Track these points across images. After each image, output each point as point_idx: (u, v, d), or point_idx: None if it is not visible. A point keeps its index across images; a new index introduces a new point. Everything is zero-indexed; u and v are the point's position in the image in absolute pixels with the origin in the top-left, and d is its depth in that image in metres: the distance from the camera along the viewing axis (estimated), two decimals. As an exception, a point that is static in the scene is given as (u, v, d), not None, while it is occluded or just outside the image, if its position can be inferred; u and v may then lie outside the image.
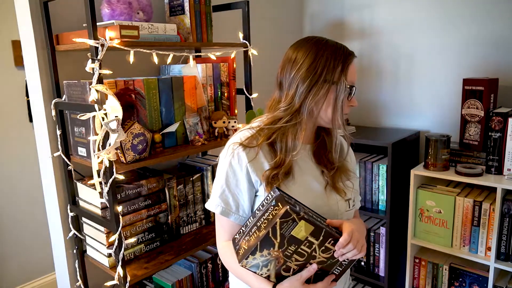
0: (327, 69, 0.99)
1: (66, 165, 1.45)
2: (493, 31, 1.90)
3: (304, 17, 2.54)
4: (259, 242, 0.85)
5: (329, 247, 0.89)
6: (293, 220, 0.85)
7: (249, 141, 1.00)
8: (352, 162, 1.18)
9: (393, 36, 2.21)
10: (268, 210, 0.87)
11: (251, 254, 0.86)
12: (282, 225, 0.85)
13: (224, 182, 1.01)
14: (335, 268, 0.94)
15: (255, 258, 0.86)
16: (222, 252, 1.05)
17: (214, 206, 1.02)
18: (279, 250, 0.86)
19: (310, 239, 0.87)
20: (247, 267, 0.88)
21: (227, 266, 1.07)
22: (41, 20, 1.38)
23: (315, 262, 0.90)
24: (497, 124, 1.69)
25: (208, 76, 1.63)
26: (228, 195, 1.01)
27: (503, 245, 1.67)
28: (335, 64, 1.00)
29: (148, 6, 1.45)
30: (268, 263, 0.88)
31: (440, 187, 1.87)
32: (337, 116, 1.03)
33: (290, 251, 0.87)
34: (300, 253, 0.88)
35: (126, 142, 1.28)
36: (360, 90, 2.38)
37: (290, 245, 0.87)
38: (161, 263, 1.44)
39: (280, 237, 0.85)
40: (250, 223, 0.91)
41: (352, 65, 1.03)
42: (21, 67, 2.44)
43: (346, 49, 1.04)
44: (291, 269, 0.90)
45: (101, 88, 1.18)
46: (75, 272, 1.56)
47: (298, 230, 0.86)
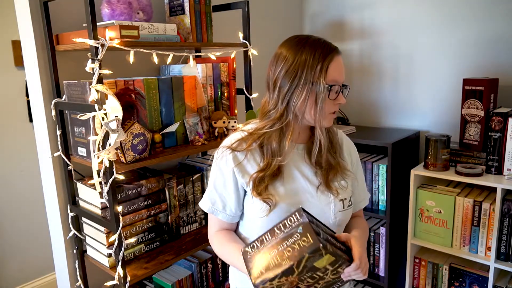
0: (306, 69, 0.98)
1: (66, 165, 1.45)
2: (493, 31, 1.90)
3: (304, 17, 2.54)
4: (282, 272, 0.84)
5: (340, 271, 0.90)
6: (320, 255, 0.83)
7: (238, 144, 1.05)
8: (353, 161, 1.16)
9: (393, 36, 2.21)
10: (294, 237, 0.85)
11: (270, 280, 0.85)
12: (309, 260, 0.84)
13: (213, 183, 1.08)
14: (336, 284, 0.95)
15: (272, 284, 0.86)
16: (212, 240, 1.14)
17: (204, 204, 1.11)
18: (296, 277, 0.86)
19: (327, 267, 0.87)
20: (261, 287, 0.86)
21: (215, 251, 1.13)
22: (41, 20, 1.38)
23: (322, 282, 0.90)
24: (497, 124, 1.69)
25: (208, 76, 1.64)
26: (215, 195, 1.08)
27: (503, 245, 1.67)
28: (313, 64, 0.98)
29: (148, 6, 1.45)
30: (281, 286, 0.87)
31: (440, 187, 1.87)
32: (321, 116, 1.00)
33: (305, 277, 0.87)
34: (313, 277, 0.88)
35: (126, 142, 1.28)
36: (360, 90, 2.38)
37: (308, 272, 0.86)
38: (161, 263, 1.44)
39: (303, 268, 0.85)
40: (267, 241, 0.89)
41: (334, 63, 0.99)
42: (21, 67, 2.44)
43: (327, 46, 1.00)
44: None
45: (101, 88, 1.18)
46: (75, 272, 1.56)
47: (321, 262, 0.85)
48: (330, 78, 0.98)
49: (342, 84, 1.02)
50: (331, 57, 0.99)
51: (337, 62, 1.00)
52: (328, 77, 0.98)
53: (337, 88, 1.00)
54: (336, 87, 1.00)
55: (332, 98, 1.00)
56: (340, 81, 1.01)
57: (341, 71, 1.01)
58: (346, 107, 2.42)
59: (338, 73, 1.00)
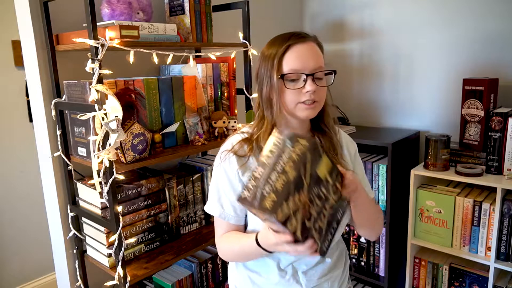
0: (265, 63, 1.01)
1: (66, 165, 1.45)
2: (493, 31, 1.90)
3: (304, 17, 2.54)
4: (291, 186, 0.78)
5: (337, 186, 0.88)
6: (320, 155, 0.83)
7: (239, 146, 1.05)
8: (351, 156, 1.15)
9: (393, 36, 2.21)
10: (286, 152, 0.81)
11: (285, 200, 0.77)
12: (313, 161, 0.81)
13: (219, 187, 1.06)
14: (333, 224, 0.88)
15: (288, 206, 0.78)
16: (219, 243, 1.09)
17: (213, 209, 1.07)
18: (307, 194, 0.81)
19: (328, 178, 0.85)
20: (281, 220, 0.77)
21: (223, 251, 1.09)
22: (41, 20, 1.38)
23: (328, 207, 0.85)
24: (497, 124, 1.69)
25: (208, 76, 1.63)
26: (224, 198, 1.06)
27: (503, 245, 1.67)
28: (270, 56, 1.00)
29: (148, 6, 1.45)
30: (297, 212, 0.79)
31: (440, 187, 1.87)
32: (292, 107, 1.00)
33: (314, 195, 0.82)
34: (320, 196, 0.84)
35: (126, 142, 1.28)
36: (360, 90, 2.38)
37: (315, 186, 0.82)
38: (161, 263, 1.44)
39: (310, 177, 0.81)
40: (262, 174, 0.80)
41: (291, 52, 0.98)
42: (21, 67, 2.44)
43: (286, 37, 1.00)
44: (312, 216, 0.82)
45: (101, 88, 1.18)
46: (75, 272, 1.56)
47: (322, 168, 0.83)
48: (287, 68, 0.98)
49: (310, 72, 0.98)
50: (287, 47, 0.98)
51: (295, 51, 0.98)
52: (284, 67, 0.98)
53: (294, 76, 0.98)
54: (292, 75, 0.98)
55: (289, 87, 0.98)
56: (300, 69, 0.98)
57: (302, 59, 0.98)
58: (346, 107, 2.42)
59: (296, 61, 0.98)
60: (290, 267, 1.07)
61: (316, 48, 1.02)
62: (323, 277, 1.09)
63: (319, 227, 0.83)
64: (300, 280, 1.07)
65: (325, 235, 0.85)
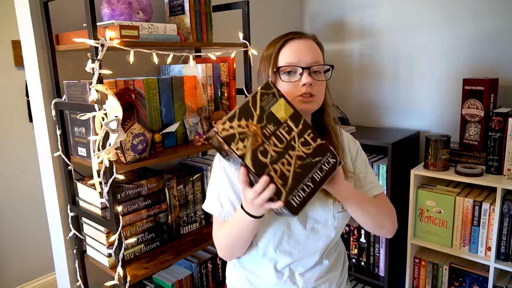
0: (264, 61, 1.04)
1: (66, 165, 1.45)
2: (493, 31, 1.90)
3: (304, 17, 2.54)
4: (238, 109, 0.85)
5: (308, 140, 0.89)
6: (274, 95, 0.88)
7: None
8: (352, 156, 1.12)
9: (393, 36, 2.21)
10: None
11: (228, 119, 0.84)
12: (263, 97, 0.87)
13: (220, 186, 1.06)
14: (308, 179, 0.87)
15: (232, 126, 0.84)
16: (215, 235, 1.07)
17: (213, 208, 1.07)
18: (258, 125, 0.86)
19: (289, 123, 0.88)
20: (223, 134, 0.83)
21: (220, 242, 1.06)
22: (41, 20, 1.38)
23: (294, 156, 0.86)
24: (497, 124, 1.69)
25: (208, 76, 1.63)
26: (224, 198, 1.05)
27: (503, 245, 1.67)
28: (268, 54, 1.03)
29: (148, 6, 1.45)
30: (245, 138, 0.84)
31: (440, 187, 1.87)
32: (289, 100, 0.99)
33: (269, 132, 0.86)
34: (279, 138, 0.87)
35: (126, 142, 1.28)
36: (360, 90, 2.38)
37: (269, 123, 0.87)
38: (161, 263, 1.44)
39: (260, 109, 0.87)
40: None
41: (287, 47, 1.00)
42: (21, 67, 2.44)
43: (285, 35, 1.02)
44: (268, 154, 0.85)
45: (101, 88, 1.18)
46: (75, 272, 1.56)
47: (278, 108, 0.88)
48: (283, 61, 1.00)
49: (307, 66, 0.99)
50: (284, 42, 1.01)
51: (291, 46, 1.00)
52: (280, 61, 1.00)
53: (289, 69, 0.99)
54: (288, 68, 0.99)
55: (284, 80, 1.00)
56: (294, 62, 0.99)
57: (298, 53, 0.99)
58: (346, 107, 2.42)
59: (292, 55, 0.99)
60: (287, 268, 1.06)
61: (313, 44, 1.03)
62: (320, 279, 1.09)
63: (281, 171, 0.84)
64: (297, 282, 1.07)
65: (292, 185, 0.84)
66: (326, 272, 1.10)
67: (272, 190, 0.83)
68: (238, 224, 0.97)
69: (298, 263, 1.06)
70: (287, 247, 1.04)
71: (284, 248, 1.04)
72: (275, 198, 0.84)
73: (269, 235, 1.03)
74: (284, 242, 1.03)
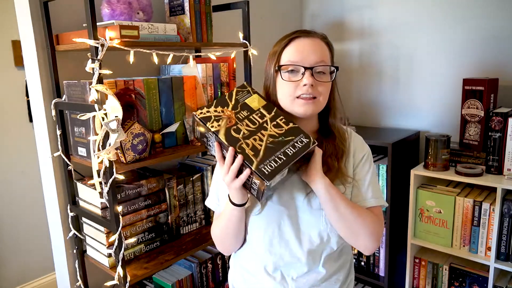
0: (270, 63, 1.02)
1: (66, 165, 1.45)
2: (493, 31, 1.90)
3: (304, 17, 2.54)
4: (215, 101, 0.96)
5: (281, 124, 0.93)
6: (248, 92, 0.98)
7: None
8: (356, 162, 1.06)
9: (393, 36, 2.21)
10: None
11: (206, 107, 0.95)
12: (238, 93, 0.97)
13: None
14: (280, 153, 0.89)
15: (209, 111, 0.94)
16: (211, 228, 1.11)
17: (211, 203, 1.13)
18: (232, 111, 0.94)
19: (262, 111, 0.95)
20: (199, 116, 0.93)
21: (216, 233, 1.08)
22: (41, 20, 1.38)
23: (266, 134, 0.91)
24: (497, 124, 1.69)
25: (208, 76, 1.63)
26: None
27: (503, 245, 1.67)
28: (274, 52, 1.02)
29: (148, 6, 1.45)
30: (220, 119, 0.93)
31: (440, 187, 1.87)
32: (287, 101, 0.98)
33: (243, 115, 0.94)
34: (252, 121, 0.93)
35: (126, 142, 1.28)
36: (360, 90, 2.38)
37: (243, 110, 0.95)
38: (161, 263, 1.44)
39: (235, 101, 0.96)
40: None
41: (292, 45, 0.98)
42: (21, 67, 2.44)
43: (291, 33, 1.01)
44: (241, 131, 0.91)
45: (101, 88, 1.18)
46: (75, 272, 1.56)
47: (251, 100, 0.96)
48: (286, 59, 0.98)
49: (310, 66, 0.96)
50: (288, 41, 0.99)
51: (296, 44, 0.98)
52: (283, 58, 0.98)
53: (291, 68, 0.97)
54: (289, 67, 0.97)
55: (285, 78, 0.97)
56: (297, 61, 0.96)
57: (302, 52, 0.97)
58: (346, 107, 2.41)
59: (296, 53, 0.97)
60: (279, 272, 1.03)
61: (321, 44, 1.00)
62: (314, 287, 1.04)
63: (253, 145, 0.90)
64: (289, 286, 1.03)
65: (264, 156, 0.88)
66: (321, 282, 1.04)
67: (241, 159, 0.87)
68: (225, 213, 1.01)
69: (290, 267, 1.03)
70: (278, 248, 1.02)
71: (275, 249, 1.02)
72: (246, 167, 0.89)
73: (260, 233, 1.02)
74: (275, 243, 1.01)
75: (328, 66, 0.99)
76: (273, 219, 1.01)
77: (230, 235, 1.04)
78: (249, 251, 1.08)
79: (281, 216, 1.01)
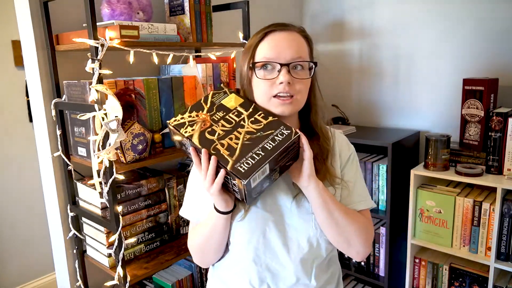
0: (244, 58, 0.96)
1: (66, 165, 1.45)
2: (493, 31, 1.90)
3: (304, 17, 2.54)
4: (190, 107, 0.93)
5: (259, 119, 0.90)
6: (225, 92, 0.95)
7: None
8: (342, 162, 1.02)
9: (393, 36, 2.21)
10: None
11: (180, 113, 0.92)
12: (214, 96, 0.95)
13: (194, 191, 1.06)
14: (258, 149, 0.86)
15: (183, 117, 0.91)
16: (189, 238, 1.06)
17: (187, 213, 1.08)
18: (207, 114, 0.91)
19: (239, 109, 0.92)
20: (173, 124, 0.90)
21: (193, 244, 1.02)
22: (41, 20, 1.38)
23: (243, 131, 0.87)
24: (497, 124, 1.69)
25: (208, 76, 1.63)
26: (197, 202, 1.05)
27: (503, 245, 1.67)
28: (247, 49, 0.95)
29: (148, 6, 1.45)
30: (194, 124, 0.89)
31: (440, 187, 1.87)
32: (263, 100, 0.92)
33: (218, 116, 0.91)
34: (228, 121, 0.90)
35: (126, 142, 1.28)
36: (360, 90, 2.38)
37: (219, 111, 0.92)
38: (161, 263, 1.44)
39: (210, 104, 0.93)
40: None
41: (267, 40, 0.92)
42: (21, 67, 2.44)
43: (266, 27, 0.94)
44: (216, 133, 0.87)
45: (101, 88, 1.18)
46: (75, 272, 1.56)
47: (228, 100, 0.94)
48: (260, 56, 0.91)
49: (286, 62, 0.90)
50: (263, 35, 0.92)
51: (271, 38, 0.91)
52: (257, 55, 0.92)
53: (266, 65, 0.91)
54: (265, 64, 0.91)
55: (260, 76, 0.91)
56: (272, 57, 0.90)
57: (278, 47, 0.90)
58: (346, 107, 2.42)
59: (270, 49, 0.90)
60: (265, 286, 0.96)
61: (298, 38, 0.93)
62: None
63: (228, 145, 0.86)
64: None
65: (240, 155, 0.84)
66: None
67: (214, 161, 0.82)
68: (209, 222, 0.94)
69: (277, 279, 0.95)
70: (264, 258, 0.94)
71: (260, 259, 0.94)
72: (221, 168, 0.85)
73: (243, 242, 0.94)
74: (260, 252, 0.94)
75: (307, 62, 0.93)
76: (257, 226, 0.93)
77: (214, 246, 0.97)
78: (231, 262, 1.00)
79: (266, 222, 0.93)
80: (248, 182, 0.81)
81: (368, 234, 0.97)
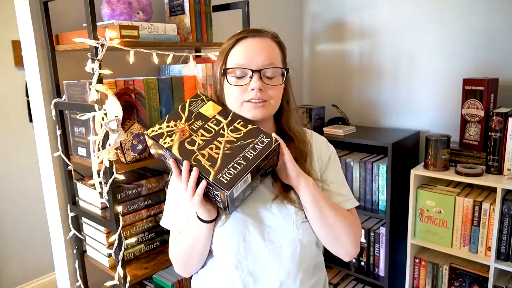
0: (218, 62, 0.97)
1: (66, 165, 1.45)
2: (493, 31, 1.90)
3: (304, 17, 2.54)
4: (167, 116, 0.92)
5: (238, 127, 0.90)
6: (202, 100, 0.94)
7: None
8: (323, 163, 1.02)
9: (393, 36, 2.21)
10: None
11: (158, 123, 0.90)
12: (191, 104, 0.93)
13: (174, 201, 1.04)
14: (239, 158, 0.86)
15: (161, 127, 0.90)
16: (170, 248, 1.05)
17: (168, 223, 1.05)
18: (186, 124, 0.90)
19: (217, 117, 0.91)
20: (151, 134, 0.89)
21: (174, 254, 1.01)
22: (41, 20, 1.38)
23: (223, 141, 0.88)
24: (497, 124, 1.69)
25: (208, 76, 1.63)
26: (178, 211, 1.03)
27: (503, 245, 1.67)
28: (220, 54, 0.96)
29: (148, 6, 1.45)
30: (172, 134, 0.88)
31: (440, 187, 1.87)
32: (235, 105, 0.92)
33: (197, 126, 0.90)
34: (207, 129, 0.90)
35: (126, 142, 1.28)
36: (360, 90, 2.38)
37: (197, 120, 0.91)
38: (161, 263, 1.44)
39: (188, 112, 0.92)
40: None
41: (238, 46, 0.93)
42: (21, 67, 2.44)
43: (239, 32, 0.95)
44: (196, 143, 0.87)
45: (101, 88, 1.18)
46: (75, 272, 1.56)
47: (206, 108, 0.93)
48: (232, 62, 0.92)
49: (258, 68, 0.90)
50: (235, 41, 0.93)
51: (243, 45, 0.92)
52: (229, 61, 0.93)
53: (238, 72, 0.91)
54: (235, 70, 0.91)
55: (232, 83, 0.91)
56: (244, 64, 0.91)
57: (249, 54, 0.91)
58: (346, 107, 2.42)
59: (242, 55, 0.91)
60: None
61: (270, 44, 0.93)
62: None
63: (209, 155, 0.86)
64: None
65: (221, 165, 0.84)
66: None
67: (196, 172, 0.82)
68: (192, 231, 0.94)
69: (261, 284, 0.93)
70: (245, 263, 0.92)
71: (242, 265, 0.92)
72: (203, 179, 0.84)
73: (224, 247, 0.93)
74: (241, 257, 0.92)
75: (279, 68, 0.93)
76: (237, 230, 0.92)
77: (197, 254, 0.96)
78: (213, 270, 0.98)
79: (245, 225, 0.92)
80: (231, 193, 0.81)
81: (357, 232, 0.98)
